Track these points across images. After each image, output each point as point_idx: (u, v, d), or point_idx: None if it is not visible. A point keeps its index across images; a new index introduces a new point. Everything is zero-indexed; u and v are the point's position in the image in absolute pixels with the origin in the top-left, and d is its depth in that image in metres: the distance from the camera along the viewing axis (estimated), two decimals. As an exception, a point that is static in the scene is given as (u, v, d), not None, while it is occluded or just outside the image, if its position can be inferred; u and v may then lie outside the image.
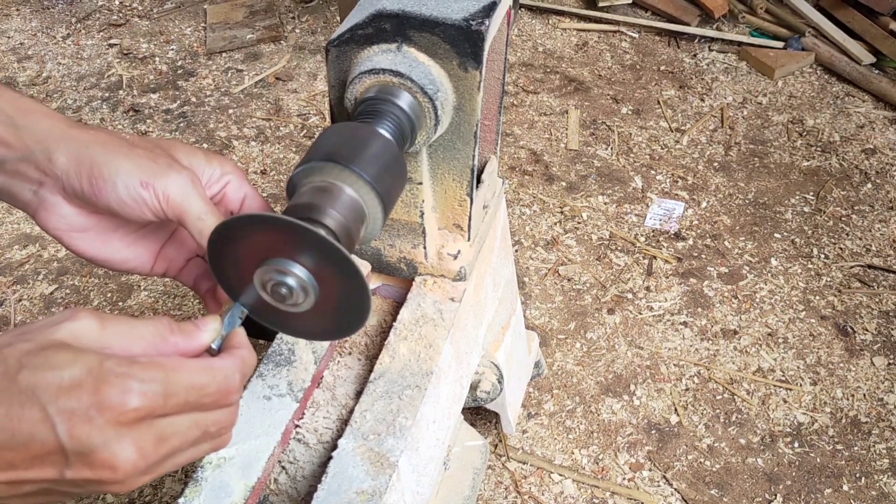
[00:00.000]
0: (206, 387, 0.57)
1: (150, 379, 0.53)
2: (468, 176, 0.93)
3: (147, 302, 1.97)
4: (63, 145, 0.68)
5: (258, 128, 2.56)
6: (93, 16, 3.14)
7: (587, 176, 2.36)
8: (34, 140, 0.68)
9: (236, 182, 0.76)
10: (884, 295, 2.00)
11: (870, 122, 2.59)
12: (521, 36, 3.01)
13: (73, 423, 0.50)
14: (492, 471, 1.63)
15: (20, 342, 0.53)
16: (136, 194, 0.67)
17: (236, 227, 0.63)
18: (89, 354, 0.53)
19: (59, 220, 0.71)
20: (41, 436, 0.50)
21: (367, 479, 0.82)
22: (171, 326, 0.60)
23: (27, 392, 0.50)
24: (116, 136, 0.70)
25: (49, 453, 0.51)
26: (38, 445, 0.50)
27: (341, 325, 0.69)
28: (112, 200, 0.68)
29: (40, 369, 0.51)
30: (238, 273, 0.66)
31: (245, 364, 0.63)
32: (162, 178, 0.68)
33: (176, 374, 0.56)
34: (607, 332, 1.90)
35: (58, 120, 0.69)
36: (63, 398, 0.50)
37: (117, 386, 0.52)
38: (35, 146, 0.68)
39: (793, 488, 1.61)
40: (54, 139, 0.68)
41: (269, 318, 0.70)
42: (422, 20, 0.80)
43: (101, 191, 0.68)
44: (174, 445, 0.56)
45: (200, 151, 0.75)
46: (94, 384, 0.51)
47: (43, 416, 0.50)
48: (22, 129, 0.68)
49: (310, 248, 0.62)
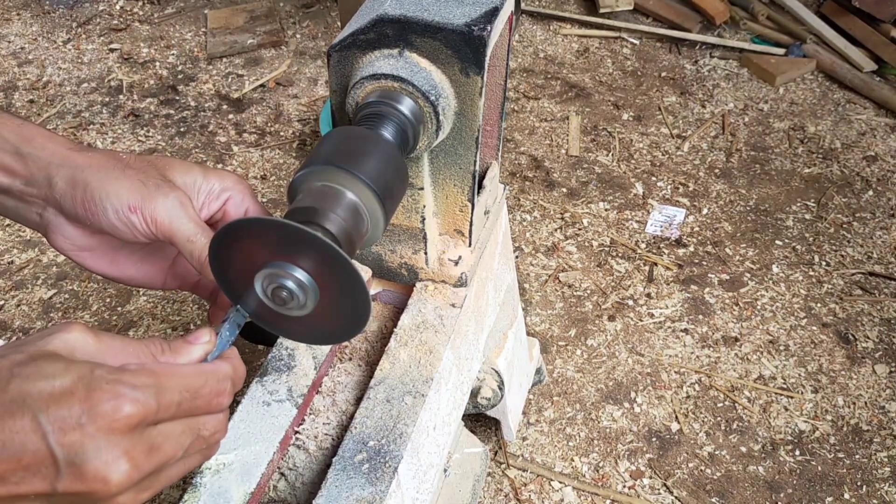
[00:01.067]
0: (199, 388, 0.57)
1: (141, 385, 0.53)
2: (469, 181, 0.93)
3: (146, 307, 1.97)
4: (62, 170, 0.69)
5: (258, 133, 2.56)
6: (93, 20, 3.14)
7: (588, 182, 2.36)
8: (37, 166, 0.69)
9: (238, 197, 0.76)
10: (885, 302, 1.99)
11: (871, 129, 2.59)
12: (522, 42, 3.01)
13: (64, 432, 0.50)
14: (492, 478, 1.62)
15: (13, 354, 0.53)
16: (125, 218, 0.68)
17: (236, 231, 0.63)
18: (81, 364, 0.53)
19: (65, 240, 0.73)
20: (32, 445, 0.49)
21: (366, 486, 0.81)
22: (162, 346, 0.60)
23: (18, 401, 0.50)
24: (113, 158, 0.71)
25: (40, 464, 0.50)
26: (30, 456, 0.50)
27: (342, 328, 0.69)
28: (104, 224, 0.69)
29: (31, 378, 0.50)
30: (240, 278, 0.66)
31: (236, 372, 0.63)
32: (150, 202, 0.68)
33: (168, 378, 0.55)
34: (608, 338, 1.90)
35: (59, 144, 0.71)
36: (54, 407, 0.50)
37: (108, 392, 0.51)
38: (38, 172, 0.69)
39: (794, 496, 1.60)
40: (55, 164, 0.69)
41: (271, 322, 0.69)
42: (424, 25, 0.80)
43: (93, 214, 0.69)
44: (167, 453, 0.55)
45: (198, 168, 0.75)
46: (84, 392, 0.51)
47: (34, 426, 0.49)
48: (26, 156, 0.69)
49: (309, 252, 0.62)
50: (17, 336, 1.91)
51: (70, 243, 0.73)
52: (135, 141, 2.52)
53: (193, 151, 2.48)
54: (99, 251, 0.75)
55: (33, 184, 0.70)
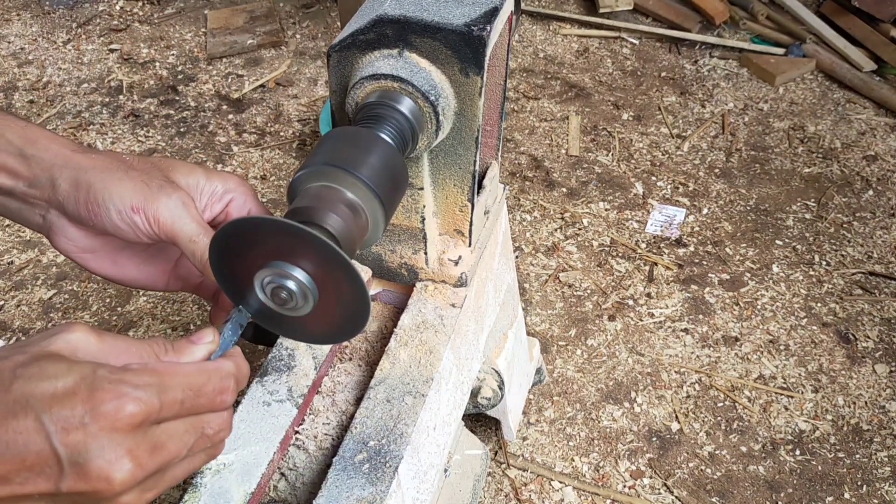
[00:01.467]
0: (202, 386, 0.57)
1: (144, 384, 0.53)
2: (469, 181, 0.93)
3: (146, 307, 1.97)
4: (65, 171, 0.69)
5: (258, 133, 2.56)
6: (93, 21, 3.14)
7: (588, 182, 2.36)
8: (41, 168, 0.70)
9: (240, 199, 0.76)
10: (885, 302, 1.99)
11: (871, 128, 2.59)
12: (521, 42, 3.01)
13: (67, 431, 0.50)
14: (492, 478, 1.62)
15: (15, 354, 0.53)
16: (128, 219, 0.68)
17: (236, 230, 0.63)
18: (83, 364, 0.53)
19: (68, 242, 0.73)
20: (36, 445, 0.50)
21: (367, 486, 0.81)
22: (165, 346, 0.60)
23: (21, 402, 0.50)
24: (116, 160, 0.71)
25: (44, 464, 0.50)
26: (34, 456, 0.50)
27: (342, 329, 0.69)
28: (107, 225, 0.69)
29: (34, 379, 0.51)
30: (240, 278, 0.66)
31: (240, 370, 0.63)
32: (153, 203, 0.68)
33: (171, 377, 0.55)
34: (608, 338, 1.90)
35: (62, 145, 0.71)
36: (57, 407, 0.50)
37: (111, 392, 0.51)
38: (41, 174, 0.69)
39: (794, 496, 1.60)
40: (58, 166, 0.69)
41: (272, 322, 0.69)
42: (423, 25, 0.80)
43: (97, 215, 0.69)
44: (171, 452, 0.55)
45: (200, 169, 0.75)
46: (87, 392, 0.51)
47: (37, 426, 0.49)
48: (30, 158, 0.70)
49: (309, 252, 0.62)
50: (17, 337, 1.91)
51: (73, 245, 0.73)
52: (135, 141, 2.52)
53: (193, 152, 2.48)
54: (101, 253, 0.75)
55: (37, 185, 0.70)
